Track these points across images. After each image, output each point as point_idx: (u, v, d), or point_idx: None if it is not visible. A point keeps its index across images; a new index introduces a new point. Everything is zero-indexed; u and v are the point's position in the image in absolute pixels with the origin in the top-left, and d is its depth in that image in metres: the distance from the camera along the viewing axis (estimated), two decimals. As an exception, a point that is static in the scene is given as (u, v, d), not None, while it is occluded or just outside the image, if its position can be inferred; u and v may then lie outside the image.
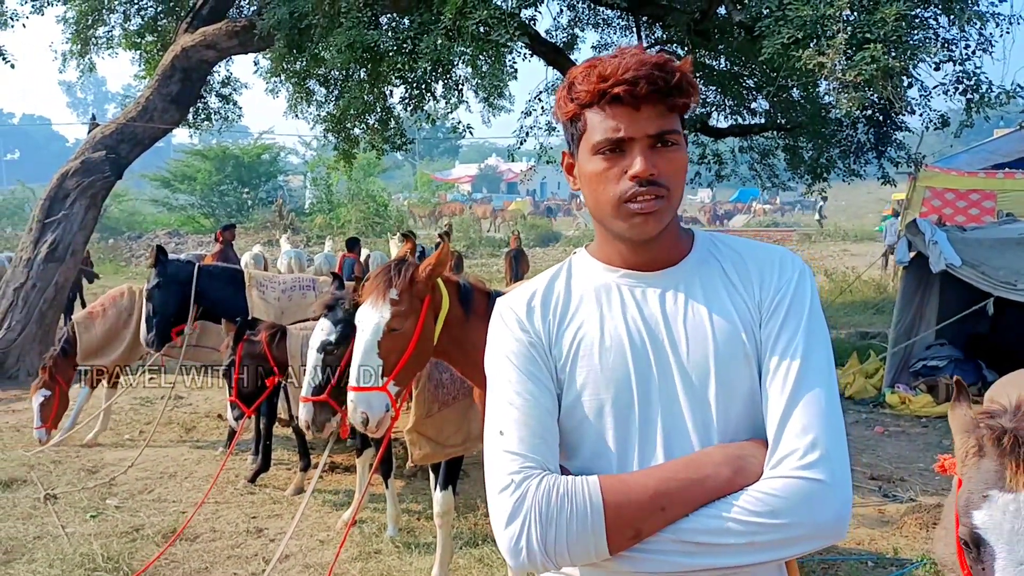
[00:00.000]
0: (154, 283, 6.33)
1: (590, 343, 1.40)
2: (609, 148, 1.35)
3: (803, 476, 1.25)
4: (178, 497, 5.89)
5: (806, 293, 1.39)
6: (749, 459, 1.30)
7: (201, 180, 35.44)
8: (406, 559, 4.74)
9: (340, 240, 18.43)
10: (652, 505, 1.26)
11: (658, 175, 1.34)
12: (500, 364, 1.43)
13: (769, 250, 1.47)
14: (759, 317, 1.38)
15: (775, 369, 1.34)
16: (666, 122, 1.35)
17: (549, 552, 1.27)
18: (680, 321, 1.39)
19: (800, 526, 1.24)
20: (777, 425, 1.30)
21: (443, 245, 3.14)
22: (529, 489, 1.29)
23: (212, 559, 4.81)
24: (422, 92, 10.22)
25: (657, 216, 1.35)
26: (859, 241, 29.97)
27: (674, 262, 1.44)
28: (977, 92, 6.69)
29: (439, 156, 77.59)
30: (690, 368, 1.36)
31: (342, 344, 4.07)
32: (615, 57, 1.36)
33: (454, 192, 54.38)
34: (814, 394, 1.30)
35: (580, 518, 1.26)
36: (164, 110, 11.60)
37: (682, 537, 1.26)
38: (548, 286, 1.49)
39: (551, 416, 1.38)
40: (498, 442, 1.36)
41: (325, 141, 13.52)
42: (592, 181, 1.39)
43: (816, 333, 1.37)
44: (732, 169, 14.02)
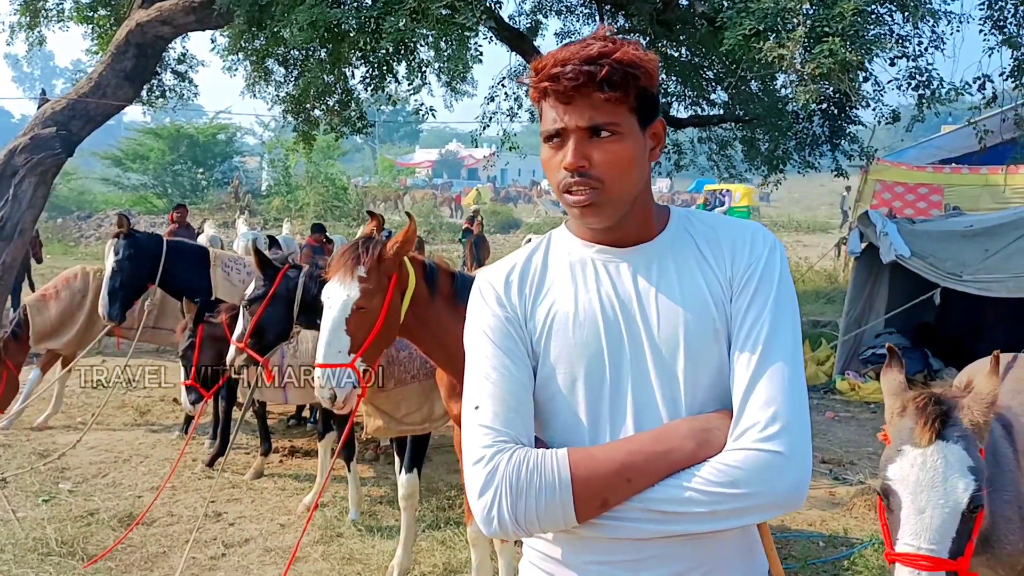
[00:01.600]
0: (125, 254, 6.05)
1: (564, 317, 1.42)
2: (550, 137, 1.39)
3: (763, 448, 1.29)
4: (133, 481, 5.82)
5: (775, 268, 1.41)
6: (714, 431, 1.34)
7: (154, 159, 34.69)
8: (368, 542, 4.76)
9: (299, 223, 18.28)
10: (618, 477, 1.30)
11: (590, 167, 1.36)
12: (478, 339, 1.46)
13: (742, 226, 1.49)
14: (730, 292, 1.41)
15: (742, 343, 1.37)
16: (600, 114, 1.35)
17: (520, 522, 1.31)
18: (652, 297, 1.41)
19: (759, 495, 1.29)
20: (741, 398, 1.34)
21: (410, 223, 3.15)
22: (501, 462, 1.32)
23: (170, 543, 4.77)
24: (383, 73, 10.13)
25: (593, 208, 1.38)
26: (812, 232, 30.51)
27: (648, 239, 1.46)
28: (929, 88, 6.84)
29: (399, 140, 77.00)
30: (660, 343, 1.39)
31: (256, 301, 4.35)
32: (566, 47, 1.38)
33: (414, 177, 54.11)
34: (777, 368, 1.33)
35: (548, 490, 1.30)
36: (117, 86, 11.33)
37: (648, 506, 1.30)
38: (527, 260, 1.52)
39: (526, 390, 1.41)
40: (473, 416, 1.39)
41: (284, 122, 13.36)
42: (544, 167, 1.43)
43: (784, 308, 1.39)
44: (691, 159, 14.15)
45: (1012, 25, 7.99)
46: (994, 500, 2.25)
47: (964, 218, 9.64)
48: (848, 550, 4.73)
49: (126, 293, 6.07)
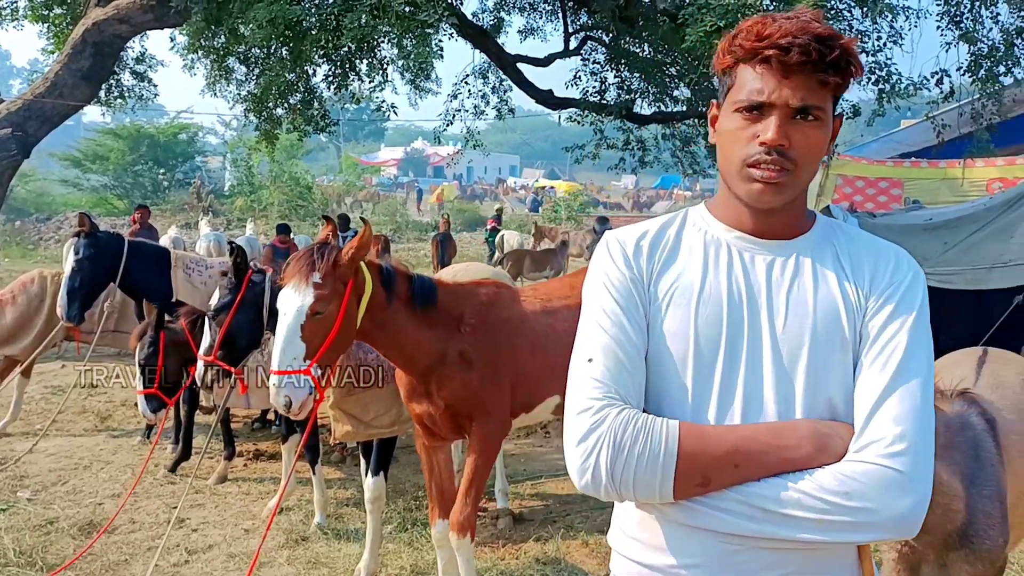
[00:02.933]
0: (85, 254, 5.93)
1: (688, 292, 1.39)
2: (748, 108, 1.33)
3: (885, 465, 1.25)
4: (94, 488, 5.70)
5: (917, 294, 1.38)
6: (835, 439, 1.30)
7: (114, 160, 34.19)
8: (335, 546, 4.71)
9: (262, 223, 18.07)
10: (727, 459, 1.27)
11: (789, 147, 1.31)
12: (599, 293, 1.42)
13: (887, 247, 1.45)
14: (864, 308, 1.37)
15: (875, 357, 1.33)
16: (812, 96, 1.31)
17: (615, 479, 1.28)
18: (783, 292, 1.37)
19: (873, 512, 1.24)
20: (869, 411, 1.30)
21: (365, 228, 3.12)
22: (609, 416, 1.30)
23: (132, 551, 4.69)
24: (346, 71, 10.06)
25: (778, 188, 1.33)
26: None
27: (791, 236, 1.42)
28: (888, 83, 6.94)
29: (364, 139, 76.53)
30: (783, 340, 1.35)
31: (223, 310, 4.22)
32: (785, 18, 1.32)
33: (380, 175, 53.83)
34: (911, 388, 1.29)
35: (652, 454, 1.27)
36: (74, 86, 11.15)
37: (749, 500, 1.26)
38: (660, 230, 1.48)
39: (640, 354, 1.38)
40: (585, 368, 1.36)
41: (246, 121, 13.22)
42: (726, 137, 1.37)
43: (921, 333, 1.35)
44: (655, 156, 14.22)
45: (968, 20, 8.14)
46: (974, 495, 2.27)
47: (924, 212, 9.76)
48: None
49: (86, 293, 5.96)
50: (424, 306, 3.32)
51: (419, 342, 3.32)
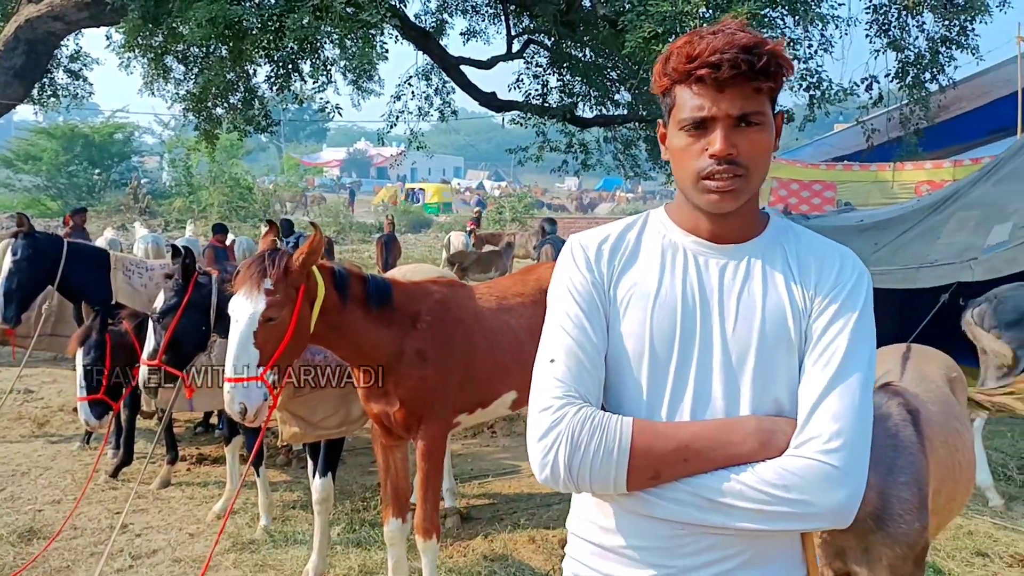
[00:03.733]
0: (23, 255, 5.82)
1: (645, 294, 1.46)
2: (693, 125, 1.40)
3: (822, 460, 1.33)
4: (32, 495, 5.59)
5: (860, 295, 1.44)
6: (778, 435, 1.37)
7: (47, 160, 33.25)
8: (282, 548, 4.71)
9: (201, 224, 17.79)
10: (676, 455, 1.35)
11: (737, 155, 1.38)
12: (563, 296, 1.50)
13: (834, 248, 1.52)
14: (810, 309, 1.44)
15: (818, 357, 1.40)
16: (750, 103, 1.38)
17: (572, 472, 1.37)
18: (734, 295, 1.45)
19: (809, 504, 1.33)
20: (809, 408, 1.37)
21: (315, 233, 3.14)
22: (568, 413, 1.38)
23: (74, 557, 4.62)
24: (289, 71, 10.00)
25: (734, 194, 1.41)
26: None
27: (744, 240, 1.49)
28: (819, 89, 7.19)
29: (306, 139, 75.71)
30: (732, 342, 1.43)
31: (170, 312, 4.16)
32: (711, 34, 1.38)
33: (322, 176, 53.30)
34: (849, 386, 1.37)
35: (607, 449, 1.35)
36: (7, 84, 10.87)
37: (698, 491, 1.35)
38: (621, 233, 1.55)
39: (600, 354, 1.45)
40: (548, 368, 1.44)
41: (184, 121, 13.03)
42: (677, 154, 1.45)
43: (864, 333, 1.42)
44: (598, 159, 14.41)
45: (896, 29, 8.46)
46: (890, 482, 2.40)
47: (855, 213, 10.10)
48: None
49: (23, 295, 5.86)
50: (380, 306, 3.36)
51: (376, 341, 3.36)
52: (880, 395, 2.57)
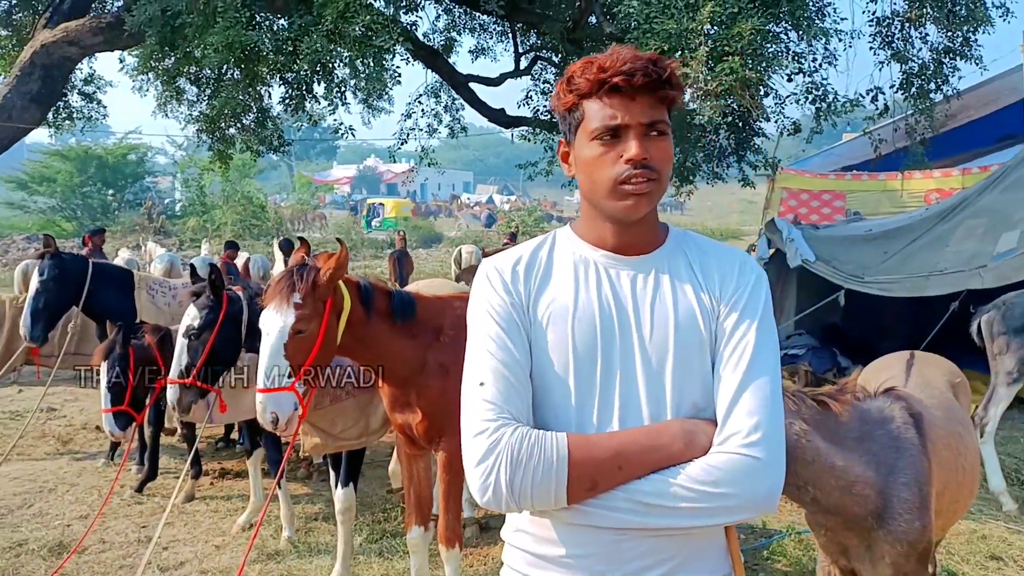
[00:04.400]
0: (50, 275, 5.96)
1: (563, 310, 1.53)
2: (607, 134, 1.49)
3: (745, 453, 1.42)
4: (60, 510, 5.72)
5: (760, 295, 1.56)
6: (700, 435, 1.46)
7: (62, 182, 33.65)
8: (306, 559, 4.82)
9: (216, 243, 17.97)
10: (611, 464, 1.42)
11: (650, 160, 1.48)
12: (483, 319, 1.55)
13: (731, 252, 1.64)
14: (717, 311, 1.54)
15: (728, 358, 1.50)
16: (656, 112, 1.49)
17: (515, 492, 1.41)
18: (648, 303, 1.53)
19: (738, 496, 1.42)
20: (727, 407, 1.47)
21: (342, 248, 3.27)
22: (504, 435, 1.42)
23: (103, 570, 4.74)
24: (303, 93, 10.16)
25: (648, 197, 1.50)
26: (724, 239, 31.44)
27: (649, 250, 1.59)
28: (824, 101, 7.30)
29: (316, 157, 76.20)
30: (650, 347, 1.51)
31: (206, 329, 4.23)
32: (611, 54, 1.49)
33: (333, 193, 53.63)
34: (760, 383, 1.47)
35: (546, 466, 1.40)
36: (24, 109, 11.04)
37: (633, 496, 1.42)
38: (533, 254, 1.62)
39: (526, 372, 1.51)
40: (478, 391, 1.48)
41: (198, 141, 13.20)
42: (589, 165, 1.52)
43: (766, 331, 1.53)
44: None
45: (899, 41, 8.56)
46: (891, 483, 2.50)
47: (864, 223, 10.20)
48: (766, 540, 5.01)
49: (49, 314, 6.00)
50: (404, 319, 3.48)
51: (399, 353, 3.48)
52: (883, 399, 2.67)
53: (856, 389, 2.63)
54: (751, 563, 4.69)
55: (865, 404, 2.63)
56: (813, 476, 2.40)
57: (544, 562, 1.53)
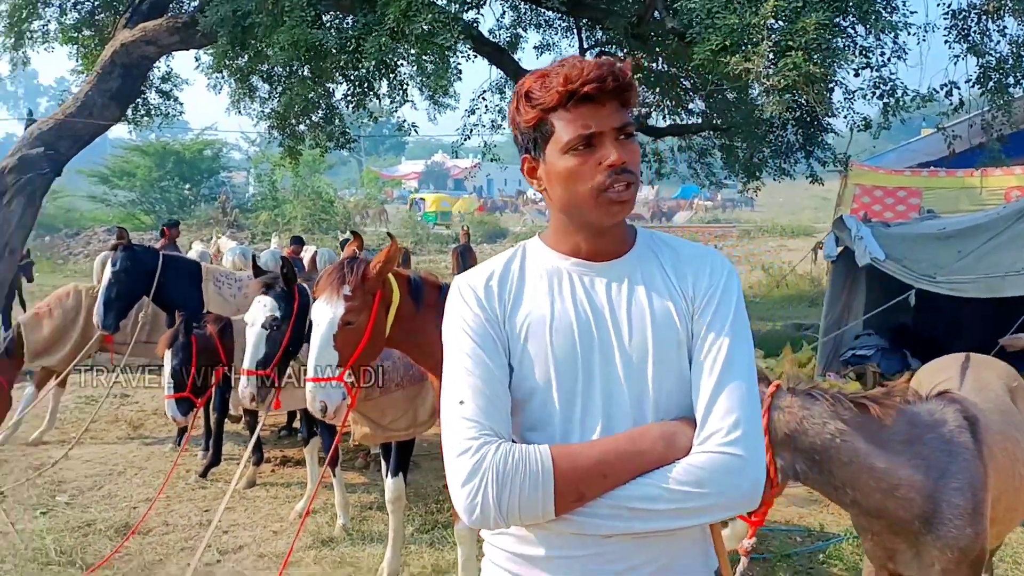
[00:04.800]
0: (122, 266, 6.21)
1: (540, 322, 1.53)
2: (582, 144, 1.48)
3: (725, 452, 1.42)
4: (128, 493, 5.95)
5: (733, 292, 1.56)
6: (680, 436, 1.46)
7: (141, 176, 34.74)
8: (359, 546, 4.92)
9: (286, 237, 18.36)
10: (595, 472, 1.42)
11: (628, 163, 1.49)
12: (458, 337, 1.55)
13: (701, 250, 1.64)
14: (691, 310, 1.54)
15: (704, 358, 1.50)
16: (623, 115, 1.50)
17: (502, 510, 1.41)
18: (624, 307, 1.54)
19: (721, 495, 1.42)
20: (705, 407, 1.47)
21: (391, 243, 3.33)
22: (488, 453, 1.41)
23: (166, 551, 4.92)
24: (365, 91, 10.32)
25: (629, 204, 1.52)
26: (795, 236, 30.80)
27: (620, 254, 1.59)
28: (892, 96, 7.09)
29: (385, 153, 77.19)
30: (630, 349, 1.52)
31: (284, 321, 4.35)
32: (563, 66, 1.49)
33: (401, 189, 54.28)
34: (737, 383, 1.48)
35: (532, 480, 1.40)
36: (104, 106, 11.46)
37: (618, 503, 1.42)
38: (504, 268, 1.62)
39: (504, 387, 1.51)
40: (457, 410, 1.48)
41: (269, 138, 13.52)
42: (567, 178, 1.51)
43: (740, 328, 1.53)
44: (672, 167, 14.37)
45: (976, 34, 8.27)
46: (942, 487, 2.43)
47: (938, 221, 9.86)
48: (823, 543, 4.92)
49: (121, 303, 6.23)
50: None
51: None
52: (936, 402, 2.59)
53: (906, 392, 2.57)
54: (807, 567, 4.61)
55: (916, 407, 2.56)
56: (851, 477, 2.36)
57: (526, 562, 1.53)
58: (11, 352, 6.98)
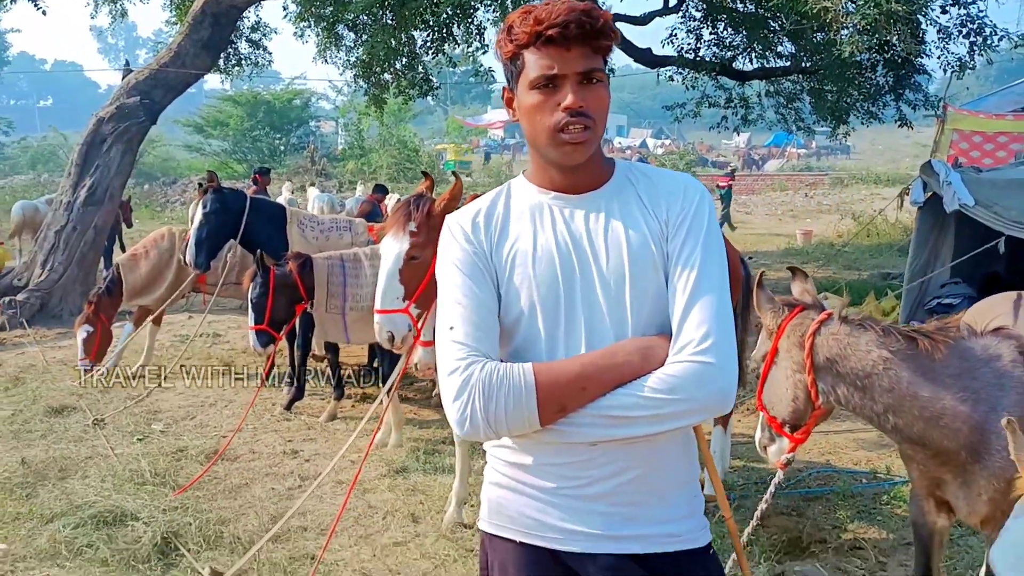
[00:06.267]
0: (212, 207, 6.52)
1: (524, 253, 1.64)
2: (544, 83, 1.57)
3: (697, 360, 1.52)
4: (218, 423, 6.31)
5: (704, 214, 1.65)
6: (656, 349, 1.57)
7: (233, 126, 35.76)
8: (431, 476, 5.14)
9: (370, 185, 18.72)
10: (575, 385, 1.53)
11: (586, 108, 1.56)
12: (449, 270, 1.67)
13: (675, 177, 1.73)
14: (666, 233, 1.63)
15: (678, 277, 1.60)
16: (591, 61, 1.56)
17: (490, 421, 1.53)
18: (601, 235, 1.63)
19: (693, 400, 1.52)
20: (679, 320, 1.57)
21: (456, 181, 3.43)
22: (474, 371, 1.54)
23: (251, 476, 5.23)
24: (443, 36, 10.38)
25: (585, 145, 1.59)
26: (890, 185, 29.66)
27: (597, 186, 1.68)
28: (980, 35, 6.76)
29: (471, 102, 77.17)
30: (608, 274, 1.61)
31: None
32: (547, 5, 1.56)
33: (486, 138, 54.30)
34: (708, 297, 1.57)
35: (516, 394, 1.52)
36: (196, 55, 11.84)
37: (600, 412, 1.53)
38: (491, 205, 1.73)
39: (492, 314, 1.63)
40: (448, 335, 1.61)
41: (356, 87, 13.71)
42: (530, 113, 1.61)
43: (712, 247, 1.62)
44: (759, 113, 14.00)
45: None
46: (991, 418, 2.43)
47: (1034, 166, 9.42)
48: (888, 483, 4.90)
49: (211, 243, 6.57)
50: None
51: None
52: (991, 338, 2.58)
53: (960, 328, 2.57)
54: (870, 506, 4.61)
55: (969, 342, 2.55)
56: (893, 404, 2.42)
57: (520, 469, 1.65)
58: (111, 291, 7.44)
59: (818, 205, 26.72)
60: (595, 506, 1.61)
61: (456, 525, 4.43)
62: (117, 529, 4.28)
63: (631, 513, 1.61)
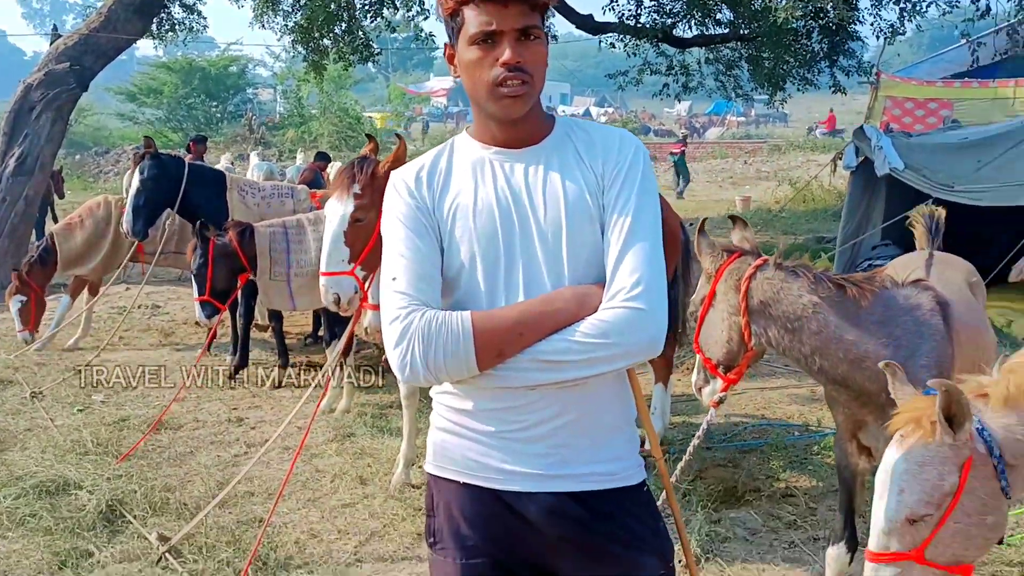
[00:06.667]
0: (150, 174, 6.38)
1: (465, 207, 1.69)
2: (483, 39, 1.61)
3: (628, 306, 1.59)
4: (160, 393, 6.23)
5: (639, 166, 1.71)
6: (592, 296, 1.63)
7: (167, 94, 34.83)
8: (378, 439, 5.19)
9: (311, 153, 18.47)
10: (512, 332, 1.60)
11: (523, 63, 1.61)
12: (393, 224, 1.72)
13: (612, 131, 1.79)
14: (602, 185, 1.69)
15: (613, 225, 1.66)
16: (530, 19, 1.61)
17: (430, 368, 1.59)
18: (540, 189, 1.69)
19: (624, 344, 1.59)
20: (612, 268, 1.63)
21: (400, 143, 3.46)
22: (414, 319, 1.60)
23: (196, 444, 5.22)
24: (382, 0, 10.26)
25: (523, 99, 1.64)
26: (826, 151, 30.24)
27: (537, 141, 1.73)
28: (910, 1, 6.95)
29: (413, 69, 76.24)
30: (546, 227, 1.67)
31: None
32: None
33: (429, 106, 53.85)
34: (641, 245, 1.63)
35: (454, 340, 1.58)
36: (127, 20, 11.49)
37: (536, 357, 1.60)
38: (433, 160, 1.77)
39: (434, 266, 1.69)
40: (390, 285, 1.66)
41: (294, 53, 13.47)
42: (470, 68, 1.66)
43: (646, 197, 1.69)
44: (699, 81, 14.14)
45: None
46: (910, 364, 2.57)
47: (960, 131, 9.74)
48: (819, 435, 5.13)
49: (149, 210, 6.43)
50: None
51: None
52: (911, 289, 2.73)
53: (885, 278, 2.72)
54: (801, 457, 4.81)
55: (893, 292, 2.70)
56: (820, 346, 2.58)
57: (463, 414, 1.71)
58: (44, 260, 7.27)
59: (756, 172, 27.19)
60: (533, 448, 1.67)
61: (404, 485, 4.49)
62: (60, 498, 4.25)
63: (567, 455, 1.68)
